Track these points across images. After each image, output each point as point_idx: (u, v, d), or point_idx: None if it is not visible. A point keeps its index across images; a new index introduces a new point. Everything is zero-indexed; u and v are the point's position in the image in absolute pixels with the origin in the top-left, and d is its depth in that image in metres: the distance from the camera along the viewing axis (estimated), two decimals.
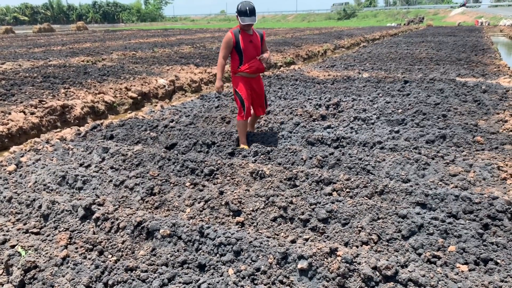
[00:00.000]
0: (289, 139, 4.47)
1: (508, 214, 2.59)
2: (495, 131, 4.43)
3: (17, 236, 2.73)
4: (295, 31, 29.30)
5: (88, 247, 2.54)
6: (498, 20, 36.91)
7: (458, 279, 2.09)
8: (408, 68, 9.55)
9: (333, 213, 2.74)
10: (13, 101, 6.58)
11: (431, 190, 2.95)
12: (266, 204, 2.90)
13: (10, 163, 4.02)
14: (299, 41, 18.13)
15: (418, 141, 4.25)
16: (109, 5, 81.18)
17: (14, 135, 5.52)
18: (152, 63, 11.31)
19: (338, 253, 2.22)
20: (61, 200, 3.05)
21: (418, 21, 40.78)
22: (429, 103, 5.65)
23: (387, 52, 13.05)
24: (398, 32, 27.02)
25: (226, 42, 4.11)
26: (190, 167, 3.63)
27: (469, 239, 2.41)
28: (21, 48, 16.91)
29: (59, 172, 3.59)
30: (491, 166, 3.37)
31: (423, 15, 47.75)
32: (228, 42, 4.09)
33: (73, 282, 2.20)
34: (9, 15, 73.83)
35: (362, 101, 6.09)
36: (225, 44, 4.11)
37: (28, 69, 10.19)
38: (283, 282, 2.17)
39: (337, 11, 67.65)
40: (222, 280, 2.04)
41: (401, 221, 2.61)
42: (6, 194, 3.26)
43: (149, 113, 6.07)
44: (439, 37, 18.94)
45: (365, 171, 3.55)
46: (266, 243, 2.36)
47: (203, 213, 2.94)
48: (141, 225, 2.66)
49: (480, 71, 8.86)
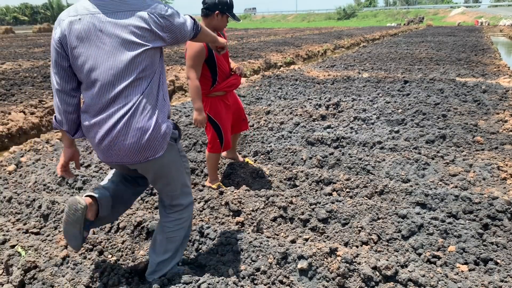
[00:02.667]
0: (289, 139, 4.48)
1: (508, 214, 2.60)
2: (495, 131, 4.43)
3: (17, 236, 2.73)
4: (295, 31, 29.30)
5: (88, 247, 2.54)
6: (498, 20, 36.91)
7: (458, 279, 2.09)
8: (408, 68, 9.55)
9: (333, 213, 2.74)
10: (13, 101, 6.58)
11: (431, 190, 2.95)
12: (266, 204, 2.90)
13: (10, 163, 4.02)
14: (299, 41, 18.13)
15: (418, 141, 4.25)
16: None
17: (14, 135, 5.53)
18: None
19: (338, 253, 2.22)
20: (61, 200, 3.05)
21: (418, 21, 40.78)
22: (429, 103, 5.65)
23: (387, 52, 13.05)
24: (398, 32, 27.01)
25: (198, 56, 2.88)
26: (190, 167, 3.63)
27: (469, 239, 2.41)
28: (21, 48, 16.90)
29: None
30: (491, 166, 3.37)
31: (423, 15, 47.76)
32: (201, 55, 2.89)
33: (73, 282, 2.20)
34: (9, 15, 73.80)
35: (362, 101, 6.09)
36: (197, 59, 2.88)
37: (28, 69, 10.19)
38: (283, 282, 2.17)
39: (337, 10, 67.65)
40: (222, 280, 2.04)
41: (401, 221, 2.61)
42: (6, 194, 3.26)
43: None
44: (439, 37, 18.94)
45: (365, 171, 3.55)
46: (266, 243, 2.36)
47: (203, 213, 2.95)
48: (141, 225, 2.66)
49: (480, 71, 8.86)
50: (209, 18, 2.94)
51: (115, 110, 1.83)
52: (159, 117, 1.90)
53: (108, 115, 1.84)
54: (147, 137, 1.86)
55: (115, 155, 1.90)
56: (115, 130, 1.84)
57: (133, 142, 1.85)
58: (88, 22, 1.80)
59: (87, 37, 1.81)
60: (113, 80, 1.82)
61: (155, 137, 1.89)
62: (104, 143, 1.88)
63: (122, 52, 1.81)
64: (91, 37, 1.81)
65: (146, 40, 1.84)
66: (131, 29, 1.81)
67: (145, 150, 1.89)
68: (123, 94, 1.83)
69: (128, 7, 1.82)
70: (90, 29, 1.80)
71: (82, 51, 1.82)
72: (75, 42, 1.81)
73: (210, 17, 2.94)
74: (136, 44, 1.82)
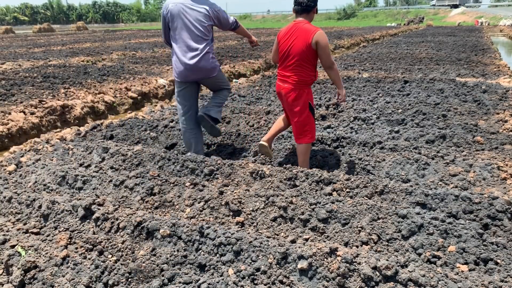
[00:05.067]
0: (289, 139, 4.47)
1: (508, 214, 2.59)
2: (495, 131, 4.43)
3: (17, 236, 2.73)
4: None
5: (88, 247, 2.54)
6: (498, 20, 36.92)
7: (458, 279, 2.09)
8: (408, 68, 9.55)
9: (333, 213, 2.74)
10: (13, 101, 6.58)
11: (431, 190, 2.95)
12: (266, 204, 2.90)
13: (10, 163, 4.02)
14: None
15: (418, 141, 4.25)
16: (109, 5, 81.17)
17: (14, 135, 5.53)
18: (152, 63, 11.31)
19: (338, 253, 2.22)
20: (61, 200, 3.05)
21: (418, 21, 40.78)
22: (429, 103, 5.65)
23: (387, 52, 13.05)
24: (398, 32, 27.02)
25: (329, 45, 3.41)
26: (190, 167, 3.63)
27: (469, 239, 2.41)
28: (21, 48, 16.91)
29: (59, 172, 3.59)
30: (491, 166, 3.37)
31: (423, 15, 47.77)
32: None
33: (73, 282, 2.20)
34: (9, 15, 73.81)
35: (362, 101, 6.09)
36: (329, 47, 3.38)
37: (28, 69, 10.19)
38: (283, 282, 2.17)
39: (337, 10, 67.61)
40: (222, 280, 2.04)
41: (401, 221, 2.61)
42: (6, 194, 3.26)
43: (149, 113, 6.07)
44: (439, 37, 18.94)
45: (365, 171, 3.55)
46: (266, 243, 2.36)
47: (203, 213, 2.94)
48: (141, 225, 2.66)
49: (480, 71, 8.86)
50: (310, 13, 3.44)
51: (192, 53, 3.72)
52: (213, 57, 3.82)
53: (189, 54, 3.72)
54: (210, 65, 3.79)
55: (194, 74, 3.79)
56: (194, 60, 3.69)
57: (204, 66, 3.76)
58: (178, 7, 3.67)
59: (177, 14, 3.67)
60: (188, 37, 3.69)
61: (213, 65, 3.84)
62: (187, 67, 3.73)
63: (193, 24, 3.67)
64: (179, 14, 3.67)
65: (206, 20, 3.71)
66: (199, 13, 3.68)
67: (210, 71, 3.82)
68: (194, 45, 3.70)
69: (199, 3, 3.70)
70: (179, 10, 3.66)
71: (174, 21, 3.70)
72: (171, 16, 3.70)
73: (311, 12, 3.44)
74: (201, 21, 3.68)
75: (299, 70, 3.40)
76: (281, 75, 3.53)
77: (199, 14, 3.65)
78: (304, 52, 3.33)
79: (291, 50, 3.39)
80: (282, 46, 3.46)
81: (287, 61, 3.44)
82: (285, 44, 3.43)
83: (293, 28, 3.39)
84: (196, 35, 3.67)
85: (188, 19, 3.65)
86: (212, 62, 3.76)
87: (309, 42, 3.28)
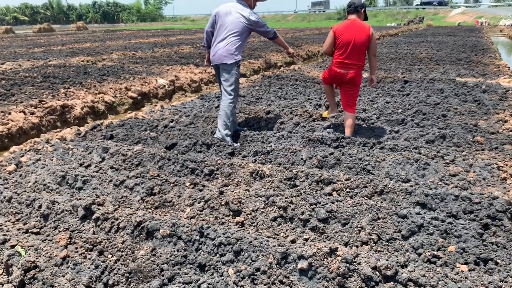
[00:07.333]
0: (289, 139, 4.47)
1: (508, 214, 2.59)
2: (495, 131, 4.43)
3: (17, 236, 2.73)
4: (295, 31, 29.29)
5: (88, 247, 2.54)
6: (498, 20, 36.92)
7: (458, 279, 2.09)
8: (408, 68, 9.55)
9: (333, 213, 2.74)
10: (13, 101, 6.57)
11: (431, 190, 2.95)
12: (266, 204, 2.90)
13: (10, 163, 4.02)
14: (299, 41, 18.12)
15: (418, 141, 4.25)
16: (109, 5, 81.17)
17: (14, 135, 5.52)
18: (152, 63, 11.31)
19: (338, 253, 2.22)
20: (61, 200, 3.05)
21: (418, 21, 40.76)
22: (429, 103, 5.65)
23: (387, 52, 13.05)
24: (398, 32, 27.01)
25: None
26: (190, 167, 3.63)
27: (469, 239, 2.41)
28: (21, 48, 16.90)
29: (59, 172, 3.59)
30: (491, 166, 3.37)
31: (423, 15, 47.73)
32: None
33: (73, 282, 2.20)
34: (9, 15, 73.80)
35: (362, 101, 6.09)
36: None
37: (28, 69, 10.19)
38: (283, 282, 2.17)
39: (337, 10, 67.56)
40: (222, 280, 2.04)
41: (401, 221, 2.61)
42: (6, 194, 3.26)
43: (149, 113, 6.07)
44: (439, 37, 18.94)
45: (365, 171, 3.55)
46: (266, 243, 2.36)
47: (203, 213, 2.95)
48: (141, 225, 2.66)
49: (480, 71, 8.86)
50: (358, 14, 4.22)
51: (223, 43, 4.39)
52: (238, 51, 4.40)
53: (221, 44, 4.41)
54: (226, 52, 4.36)
55: (213, 57, 4.44)
56: (223, 49, 4.36)
57: (221, 53, 4.39)
58: (227, 7, 4.41)
59: (224, 13, 4.39)
60: (227, 32, 4.36)
61: (228, 54, 4.37)
62: (217, 53, 4.41)
63: (233, 22, 4.37)
64: (227, 13, 4.38)
65: (242, 21, 4.36)
66: (240, 16, 4.37)
67: (224, 58, 4.36)
68: (228, 39, 4.38)
69: (242, 7, 4.41)
70: (227, 10, 4.39)
71: (222, 19, 4.41)
72: (219, 14, 4.43)
73: (359, 13, 4.22)
74: (239, 21, 4.36)
75: (361, 57, 4.19)
76: (341, 63, 4.23)
77: (239, 14, 4.43)
78: (365, 42, 4.12)
79: (354, 41, 4.10)
80: (343, 39, 4.14)
81: (350, 50, 4.13)
82: (347, 37, 4.12)
83: (351, 25, 4.14)
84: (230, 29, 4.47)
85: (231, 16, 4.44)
86: (228, 51, 4.34)
87: (369, 34, 4.10)
